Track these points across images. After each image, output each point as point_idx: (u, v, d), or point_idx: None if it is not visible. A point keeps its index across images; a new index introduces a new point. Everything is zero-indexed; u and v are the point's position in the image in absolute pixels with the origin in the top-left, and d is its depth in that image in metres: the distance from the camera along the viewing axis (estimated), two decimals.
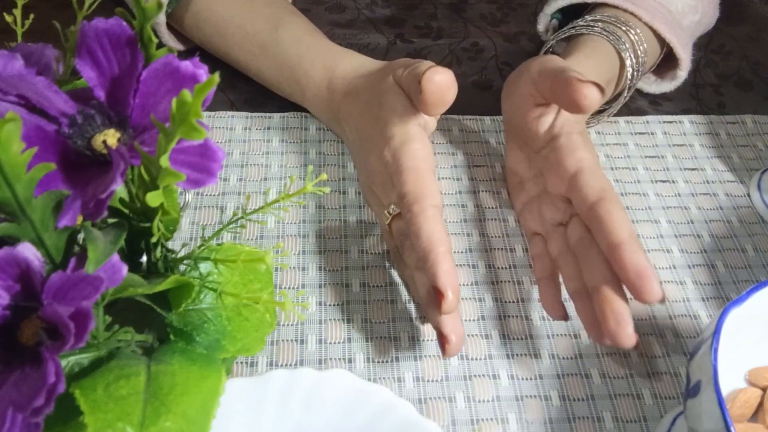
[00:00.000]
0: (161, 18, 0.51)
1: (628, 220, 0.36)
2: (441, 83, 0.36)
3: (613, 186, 0.39)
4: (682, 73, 0.54)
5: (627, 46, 0.49)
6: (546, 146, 0.43)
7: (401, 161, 0.38)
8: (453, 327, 0.35)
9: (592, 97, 0.37)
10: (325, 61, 0.48)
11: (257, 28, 0.50)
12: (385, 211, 0.41)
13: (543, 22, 0.56)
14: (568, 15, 0.55)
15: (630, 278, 0.34)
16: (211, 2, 0.51)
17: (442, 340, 0.35)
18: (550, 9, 0.54)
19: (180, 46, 0.55)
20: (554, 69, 0.40)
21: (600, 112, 0.53)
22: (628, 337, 0.34)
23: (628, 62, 0.49)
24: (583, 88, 0.37)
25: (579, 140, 0.41)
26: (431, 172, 0.38)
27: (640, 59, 0.50)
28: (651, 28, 0.51)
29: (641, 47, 0.49)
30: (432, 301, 0.36)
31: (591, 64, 0.48)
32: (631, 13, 0.50)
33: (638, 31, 0.50)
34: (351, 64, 0.48)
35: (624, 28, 0.49)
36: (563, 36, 0.52)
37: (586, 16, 0.52)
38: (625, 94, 0.51)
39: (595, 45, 0.49)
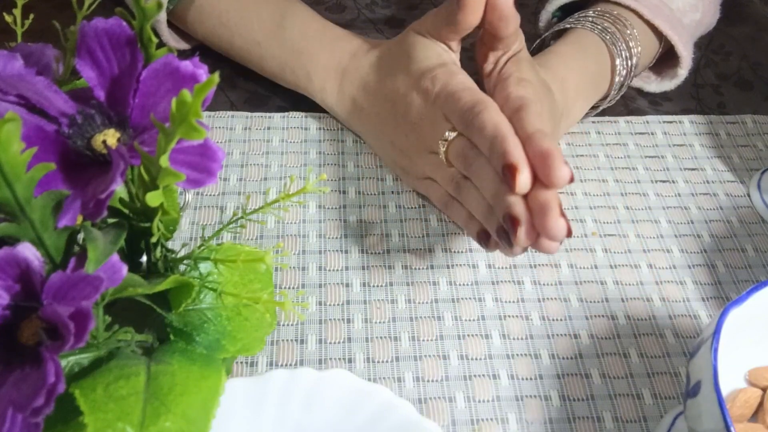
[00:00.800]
0: (162, 16, 0.51)
1: (541, 116, 0.36)
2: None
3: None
4: (683, 71, 0.54)
5: (618, 38, 0.49)
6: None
7: (452, 88, 0.39)
8: (523, 205, 0.33)
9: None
10: (333, 45, 0.49)
11: (262, 17, 0.51)
12: (440, 142, 0.39)
13: (544, 20, 0.56)
14: (569, 13, 0.55)
15: (536, 163, 0.33)
16: None
17: (513, 223, 0.33)
18: (551, 7, 0.55)
19: (180, 45, 0.55)
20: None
21: (594, 106, 0.53)
22: (554, 216, 0.32)
23: (618, 52, 0.49)
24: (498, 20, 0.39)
25: (513, 81, 0.40)
26: (483, 92, 0.39)
27: (632, 52, 0.50)
28: (652, 24, 0.51)
29: (633, 39, 0.50)
30: (505, 182, 0.34)
31: (571, 50, 0.48)
32: (633, 10, 0.50)
33: (634, 29, 0.50)
34: (360, 44, 0.49)
35: (617, 22, 0.49)
36: (555, 30, 0.52)
37: (578, 14, 0.52)
38: (620, 88, 0.51)
39: (578, 36, 0.50)
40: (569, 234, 0.33)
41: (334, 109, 0.51)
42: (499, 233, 0.35)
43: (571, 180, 0.32)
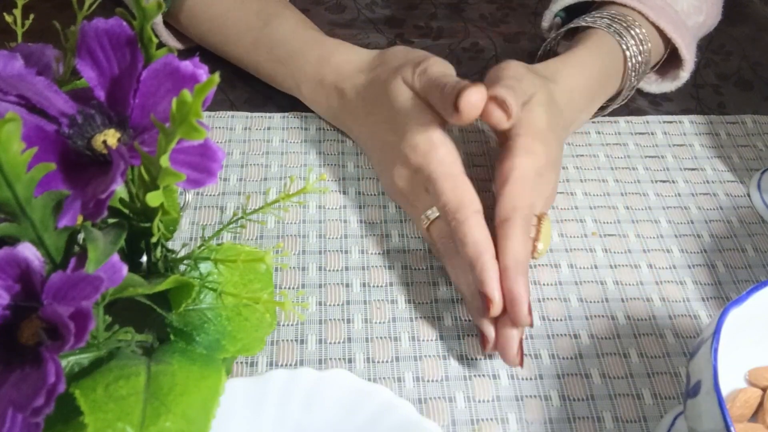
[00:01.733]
0: (157, 18, 0.51)
1: (523, 243, 0.38)
2: (477, 103, 0.37)
3: (530, 203, 0.39)
4: (685, 74, 0.54)
5: (630, 42, 0.49)
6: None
7: (431, 168, 0.40)
8: (493, 330, 0.38)
9: (497, 120, 0.39)
10: (318, 55, 0.48)
11: (250, 24, 0.50)
12: (422, 216, 0.42)
13: (547, 21, 0.56)
14: (572, 15, 0.55)
15: (507, 304, 0.37)
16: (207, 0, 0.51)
17: (483, 339, 0.39)
18: (556, 7, 0.54)
19: (179, 45, 0.55)
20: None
21: (602, 108, 0.53)
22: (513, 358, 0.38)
23: (630, 58, 0.49)
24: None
25: (522, 143, 0.41)
26: (464, 175, 0.40)
27: (643, 56, 0.50)
28: (656, 27, 0.51)
29: (645, 45, 0.49)
30: (478, 303, 0.38)
31: (592, 58, 0.48)
32: (638, 12, 0.50)
33: (643, 29, 0.50)
34: (345, 57, 0.48)
35: (627, 25, 0.49)
36: (565, 30, 0.52)
37: (591, 13, 0.52)
38: (627, 92, 0.51)
39: (597, 40, 0.49)
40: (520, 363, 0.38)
41: (325, 118, 0.52)
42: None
43: (531, 324, 0.37)
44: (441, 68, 0.42)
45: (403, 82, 0.43)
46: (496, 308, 0.37)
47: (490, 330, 0.38)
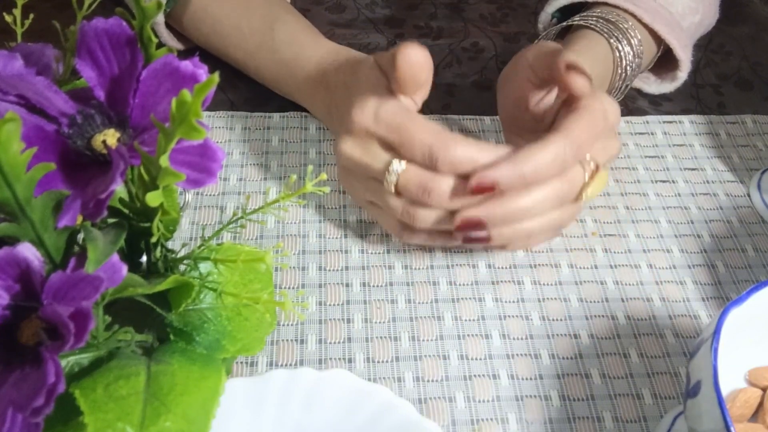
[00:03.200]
0: (159, 18, 0.51)
1: (549, 156, 0.36)
2: (415, 60, 0.36)
3: (590, 132, 0.38)
4: (682, 74, 0.54)
5: (622, 43, 0.49)
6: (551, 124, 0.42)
7: (390, 118, 0.37)
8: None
9: (580, 85, 0.38)
10: (320, 59, 0.48)
11: (253, 27, 0.50)
12: (387, 175, 0.38)
13: (543, 22, 0.56)
14: (568, 15, 0.55)
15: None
16: (207, 2, 0.51)
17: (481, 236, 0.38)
18: (551, 8, 0.54)
19: (180, 46, 0.55)
20: (549, 52, 0.41)
21: None
22: None
23: (621, 59, 0.49)
24: (571, 78, 0.38)
25: (589, 93, 0.39)
26: (419, 115, 0.38)
27: (635, 58, 0.50)
28: (651, 29, 0.51)
29: (637, 46, 0.49)
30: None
31: (583, 59, 0.48)
32: (632, 14, 0.50)
33: (635, 30, 0.50)
34: (346, 60, 0.48)
35: (619, 26, 0.49)
36: (558, 31, 0.52)
37: (583, 13, 0.52)
38: (622, 90, 0.51)
39: (588, 41, 0.49)
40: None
41: (322, 120, 0.51)
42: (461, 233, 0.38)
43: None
44: (410, 49, 0.40)
45: (375, 60, 0.42)
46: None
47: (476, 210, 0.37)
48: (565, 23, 0.52)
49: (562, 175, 0.38)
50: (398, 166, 0.38)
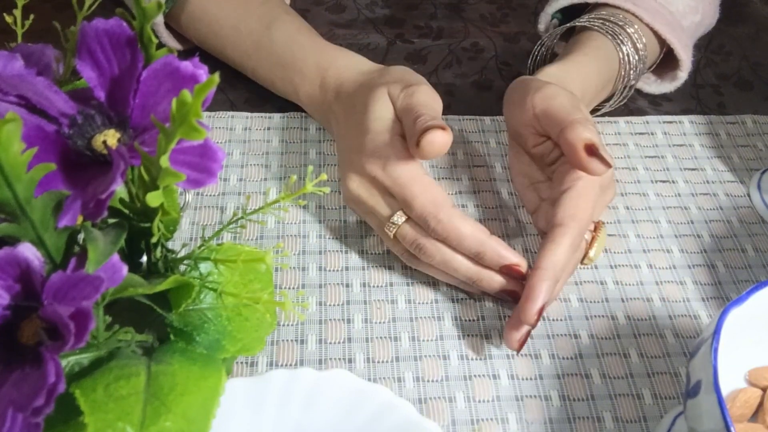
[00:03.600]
0: (159, 18, 0.51)
1: (566, 252, 0.38)
2: (439, 146, 0.37)
3: (588, 216, 0.39)
4: (683, 74, 0.54)
5: (627, 44, 0.49)
6: (554, 163, 0.42)
7: (395, 175, 0.39)
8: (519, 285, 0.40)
9: (598, 171, 0.38)
10: (318, 60, 0.48)
11: (250, 28, 0.50)
12: (388, 224, 0.40)
13: (544, 22, 0.56)
14: (568, 16, 0.55)
15: (522, 299, 0.38)
16: (205, 3, 0.51)
17: (512, 293, 0.40)
18: (551, 9, 0.54)
19: (179, 46, 0.55)
20: (558, 118, 0.40)
21: (594, 110, 0.53)
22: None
23: (626, 60, 0.49)
24: (589, 163, 0.38)
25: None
26: (429, 175, 0.40)
27: (640, 57, 0.50)
28: (651, 28, 0.51)
29: (640, 47, 0.50)
30: (482, 281, 0.40)
31: (589, 63, 0.48)
32: (632, 14, 0.50)
33: (638, 31, 0.50)
34: (345, 62, 0.47)
35: (623, 28, 0.49)
36: (562, 31, 0.52)
37: (586, 15, 0.52)
38: (624, 93, 0.51)
39: (594, 42, 0.49)
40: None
41: (320, 122, 0.51)
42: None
43: (533, 325, 0.38)
44: (427, 98, 0.41)
45: (388, 94, 0.42)
46: (524, 267, 0.39)
47: (517, 285, 0.40)
48: (569, 24, 0.52)
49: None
50: (398, 218, 0.40)
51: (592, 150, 0.38)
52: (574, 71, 0.47)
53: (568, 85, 0.46)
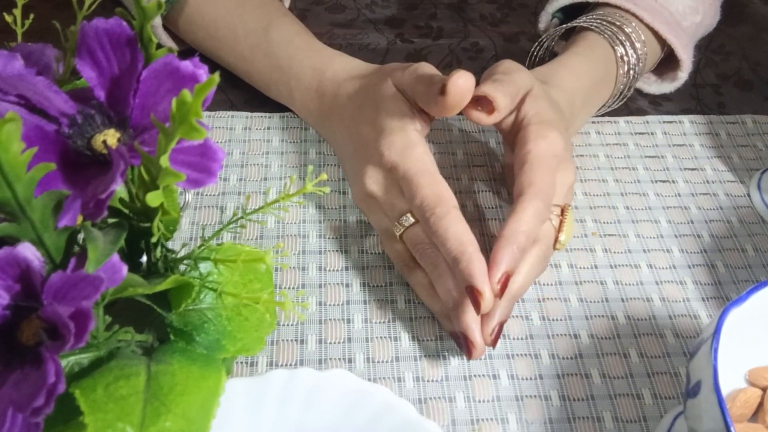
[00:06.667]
0: (157, 20, 0.51)
1: (529, 218, 0.37)
2: (465, 86, 0.37)
3: (548, 183, 0.39)
4: (683, 74, 0.54)
5: (625, 45, 0.49)
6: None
7: (408, 166, 0.39)
8: (479, 332, 0.37)
9: (475, 117, 0.39)
10: (314, 63, 0.48)
11: (247, 30, 0.50)
12: (396, 223, 0.40)
13: (544, 21, 0.56)
14: (569, 15, 0.55)
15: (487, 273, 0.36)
16: (202, 5, 0.51)
17: (467, 343, 0.37)
18: (552, 8, 0.54)
19: (177, 47, 0.55)
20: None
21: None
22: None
23: (623, 61, 0.49)
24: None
25: (534, 129, 0.40)
26: (439, 174, 0.39)
27: (639, 56, 0.50)
28: (651, 28, 0.51)
29: (640, 47, 0.50)
30: (465, 300, 0.37)
31: (581, 63, 0.48)
32: (632, 14, 0.50)
33: (638, 31, 0.50)
34: (341, 66, 0.47)
35: (619, 24, 0.49)
36: (560, 32, 0.52)
37: (586, 15, 0.52)
38: (625, 92, 0.51)
39: (588, 42, 0.49)
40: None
41: (314, 127, 0.51)
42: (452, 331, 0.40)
43: (492, 300, 0.36)
44: (432, 70, 0.41)
45: (393, 83, 0.42)
46: (488, 302, 0.35)
47: (475, 333, 0.37)
48: (568, 25, 0.52)
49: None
50: (407, 220, 0.39)
51: (479, 101, 0.39)
52: (564, 70, 0.48)
53: (557, 83, 0.46)
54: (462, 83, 0.37)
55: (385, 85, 0.43)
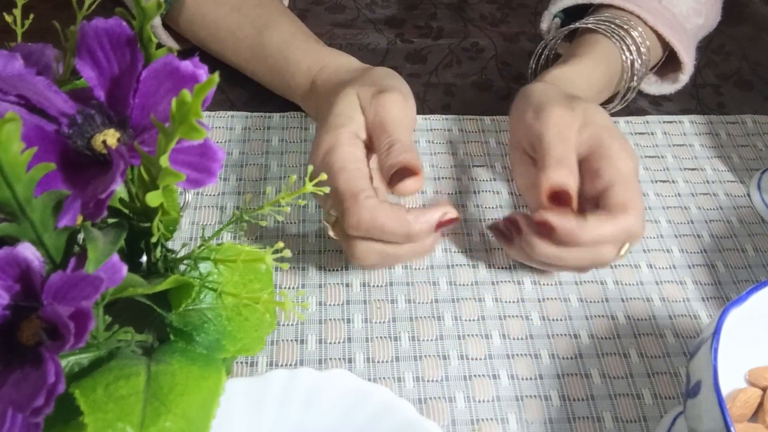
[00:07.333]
0: (156, 20, 0.51)
1: (611, 232, 0.37)
2: (412, 191, 0.37)
3: (642, 206, 0.38)
4: (684, 76, 0.54)
5: (632, 48, 0.49)
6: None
7: (332, 161, 0.38)
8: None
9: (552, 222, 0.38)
10: (310, 63, 0.48)
11: (245, 33, 0.50)
12: (323, 220, 0.39)
13: (546, 21, 0.56)
14: (571, 16, 0.55)
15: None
16: (202, 5, 0.51)
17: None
18: (554, 8, 0.54)
19: (178, 46, 0.55)
20: (541, 153, 0.40)
21: None
22: None
23: (629, 62, 0.49)
24: (548, 209, 0.38)
25: (617, 145, 0.39)
26: (361, 168, 0.38)
27: (643, 60, 0.50)
28: (654, 30, 0.51)
29: (644, 48, 0.49)
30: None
31: (595, 67, 0.48)
32: (636, 15, 0.50)
33: (642, 33, 0.49)
34: (335, 64, 0.47)
35: (627, 28, 0.49)
36: (566, 33, 0.52)
37: (589, 16, 0.52)
38: (627, 95, 0.51)
39: (599, 46, 0.49)
40: None
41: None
42: None
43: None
44: (399, 112, 0.39)
45: (357, 96, 0.41)
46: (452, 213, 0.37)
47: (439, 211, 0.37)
48: (573, 26, 0.52)
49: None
50: (331, 215, 0.38)
51: (556, 197, 0.38)
52: (579, 74, 0.47)
53: (572, 88, 0.46)
54: (410, 190, 0.37)
55: (346, 91, 0.41)
